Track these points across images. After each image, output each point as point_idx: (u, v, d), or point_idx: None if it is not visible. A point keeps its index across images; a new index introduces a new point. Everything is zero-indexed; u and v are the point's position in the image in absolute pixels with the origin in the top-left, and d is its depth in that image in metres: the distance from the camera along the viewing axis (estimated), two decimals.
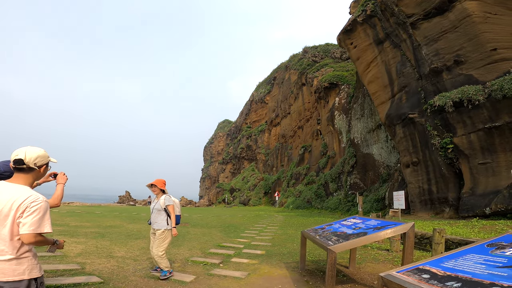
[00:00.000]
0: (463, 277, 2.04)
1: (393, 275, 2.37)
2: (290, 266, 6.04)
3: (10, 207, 1.91)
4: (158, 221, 4.96)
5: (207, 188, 72.03)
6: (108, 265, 5.57)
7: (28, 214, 1.90)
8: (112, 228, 10.85)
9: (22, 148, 2.06)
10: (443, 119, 12.51)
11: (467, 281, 1.96)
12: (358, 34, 18.35)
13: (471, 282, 1.91)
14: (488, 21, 11.50)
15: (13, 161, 2.02)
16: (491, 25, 11.46)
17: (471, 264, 2.20)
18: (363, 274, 5.48)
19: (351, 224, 5.27)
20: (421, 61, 13.68)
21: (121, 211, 21.97)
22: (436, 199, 12.80)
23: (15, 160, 2.01)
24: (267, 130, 52.82)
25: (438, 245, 5.38)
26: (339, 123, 27.85)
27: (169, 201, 5.00)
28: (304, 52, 43.23)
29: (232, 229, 12.21)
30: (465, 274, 2.08)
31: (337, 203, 24.17)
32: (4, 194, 1.94)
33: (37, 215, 1.93)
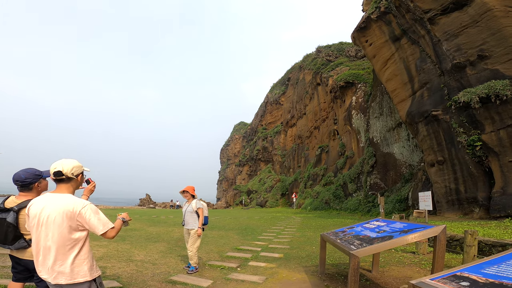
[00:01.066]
0: (508, 284, 1.82)
1: (427, 283, 2.15)
2: (309, 270, 5.84)
3: (65, 214, 2.11)
4: (191, 222, 5.69)
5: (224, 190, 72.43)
6: (127, 269, 5.59)
7: (88, 220, 2.14)
8: (132, 231, 10.99)
9: (58, 161, 2.26)
10: (469, 115, 11.89)
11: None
12: (373, 32, 17.90)
13: None
14: (510, 15, 11.09)
15: (53, 173, 2.21)
16: None
17: None
18: (388, 278, 5.20)
19: (375, 227, 5.00)
20: (442, 56, 13.13)
21: (142, 213, 22.38)
22: (465, 199, 12.13)
23: (55, 172, 2.20)
24: (283, 131, 52.47)
25: (471, 248, 5.02)
26: (357, 122, 27.19)
27: (200, 205, 5.74)
28: (318, 52, 42.67)
29: (249, 231, 12.09)
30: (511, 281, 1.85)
31: (357, 204, 23.53)
32: (57, 204, 2.13)
33: (94, 216, 2.17)
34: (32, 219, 2.15)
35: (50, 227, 2.11)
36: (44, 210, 2.14)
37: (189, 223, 5.71)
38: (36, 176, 2.85)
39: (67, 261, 2.12)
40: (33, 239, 2.16)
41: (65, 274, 2.10)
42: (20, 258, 2.83)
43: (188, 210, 5.76)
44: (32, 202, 2.21)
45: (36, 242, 2.14)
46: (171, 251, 7.46)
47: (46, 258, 2.11)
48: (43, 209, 2.14)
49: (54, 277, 2.10)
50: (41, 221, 2.13)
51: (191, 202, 5.77)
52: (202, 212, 5.68)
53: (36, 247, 2.15)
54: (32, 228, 2.15)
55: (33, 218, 2.15)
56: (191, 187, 5.88)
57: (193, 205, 5.70)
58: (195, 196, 5.88)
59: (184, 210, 5.86)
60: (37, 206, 2.17)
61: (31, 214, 2.17)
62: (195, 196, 5.88)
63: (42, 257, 2.12)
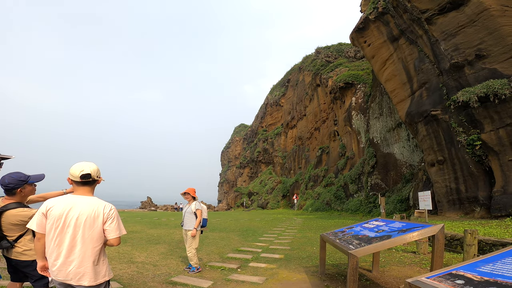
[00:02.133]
0: (503, 282, 1.83)
1: (423, 281, 2.17)
2: (309, 270, 5.85)
3: (94, 216, 2.17)
4: (189, 223, 5.76)
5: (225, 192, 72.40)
6: (128, 270, 5.61)
7: (110, 222, 2.22)
8: (133, 234, 11.01)
9: (82, 164, 2.28)
10: (468, 115, 11.91)
11: (508, 286, 1.75)
12: (371, 32, 17.96)
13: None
14: (507, 14, 11.14)
15: (81, 176, 2.21)
16: (509, 18, 11.10)
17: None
18: (388, 278, 5.21)
19: (374, 227, 5.02)
20: (441, 56, 13.17)
21: (143, 216, 22.40)
22: (465, 199, 12.12)
23: (84, 175, 2.23)
24: (283, 132, 52.50)
25: (471, 247, 5.02)
26: (357, 123, 27.21)
27: (199, 206, 5.82)
28: (317, 53, 42.75)
29: (250, 233, 12.09)
30: (505, 279, 1.87)
31: (358, 204, 23.52)
32: (84, 206, 2.18)
33: (117, 221, 2.26)
34: (57, 220, 2.13)
35: (80, 229, 2.13)
36: (71, 211, 2.14)
37: (187, 224, 5.79)
38: (19, 182, 2.86)
39: (94, 262, 2.15)
40: (54, 240, 2.13)
41: (90, 275, 2.13)
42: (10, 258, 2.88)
43: (187, 211, 5.85)
44: (53, 203, 2.19)
45: (58, 244, 2.12)
46: (172, 253, 7.48)
47: (69, 260, 2.10)
48: (70, 210, 2.15)
49: (78, 279, 2.10)
50: (67, 222, 2.13)
51: (191, 203, 5.86)
52: (200, 213, 5.76)
53: (57, 249, 2.12)
54: (56, 230, 2.13)
55: (57, 220, 2.13)
56: (192, 189, 5.97)
57: (192, 207, 5.78)
58: (195, 198, 5.98)
59: (184, 211, 5.96)
60: (62, 207, 2.15)
61: (55, 215, 2.14)
62: (195, 198, 5.98)
63: (64, 258, 2.10)
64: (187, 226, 5.78)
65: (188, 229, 5.75)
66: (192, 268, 5.63)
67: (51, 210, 2.16)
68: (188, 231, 5.73)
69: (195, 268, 5.61)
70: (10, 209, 2.81)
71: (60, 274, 2.12)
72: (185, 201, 6.01)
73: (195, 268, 5.62)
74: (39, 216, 2.19)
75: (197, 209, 5.74)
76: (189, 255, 5.63)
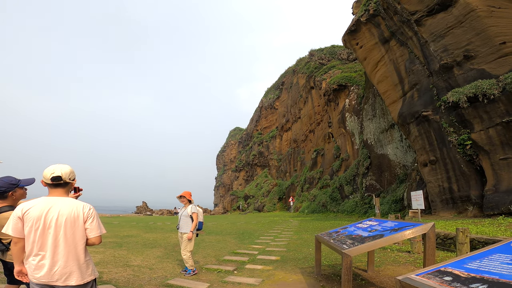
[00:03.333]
0: (489, 278, 1.91)
1: (412, 278, 2.24)
2: (305, 271, 5.89)
3: (74, 216, 2.18)
4: (185, 226, 5.78)
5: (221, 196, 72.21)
6: (124, 274, 5.59)
7: (91, 221, 2.24)
8: (129, 238, 10.95)
9: (54, 166, 2.27)
10: (458, 115, 12.12)
11: (494, 282, 1.82)
12: (363, 34, 18.19)
13: (498, 283, 1.77)
14: (494, 15, 11.38)
15: (52, 178, 2.22)
16: (496, 19, 11.32)
17: (497, 264, 2.05)
18: (383, 277, 5.28)
19: (367, 227, 5.09)
20: (430, 57, 13.41)
21: (138, 221, 22.23)
22: (458, 198, 12.30)
23: (54, 177, 2.22)
24: (278, 135, 52.66)
25: (463, 245, 5.12)
26: (350, 124, 27.45)
27: (194, 210, 5.83)
28: (311, 55, 43.10)
29: (247, 235, 12.10)
30: (491, 275, 1.94)
31: (354, 205, 23.66)
32: (62, 207, 2.19)
33: (97, 220, 2.28)
34: (36, 222, 2.11)
35: (61, 229, 2.12)
36: (50, 212, 2.14)
37: (183, 227, 5.81)
38: (10, 185, 2.90)
39: (79, 261, 2.16)
40: (36, 243, 2.11)
41: (76, 275, 2.13)
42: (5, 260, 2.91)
43: (183, 214, 5.87)
44: (29, 205, 2.15)
45: (41, 246, 2.10)
46: (168, 256, 7.46)
47: (53, 260, 2.09)
48: (48, 211, 2.14)
49: (65, 279, 2.10)
50: (48, 223, 2.12)
51: (187, 207, 5.89)
52: (196, 216, 5.77)
53: (38, 250, 2.10)
54: (36, 231, 2.11)
55: (36, 221, 2.11)
56: (188, 192, 5.98)
57: (188, 210, 5.81)
58: (191, 201, 5.99)
59: (180, 215, 5.99)
60: (40, 209, 2.13)
61: (32, 217, 2.11)
62: (191, 201, 5.99)
63: (49, 259, 2.09)
64: (183, 229, 5.80)
65: (184, 232, 5.77)
66: (188, 271, 5.65)
67: (27, 213, 2.13)
68: (184, 234, 5.75)
69: (191, 271, 5.63)
70: (2, 212, 2.83)
71: (44, 276, 2.08)
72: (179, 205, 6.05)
73: (191, 270, 5.64)
74: (15, 220, 2.14)
75: (193, 212, 5.76)
76: (184, 257, 5.65)
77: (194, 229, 5.76)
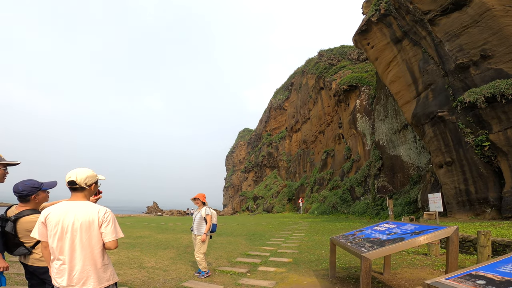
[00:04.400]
0: None
1: (442, 282, 2.15)
2: (319, 273, 5.80)
3: (89, 220, 2.17)
4: (199, 228, 5.82)
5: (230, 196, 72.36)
6: (139, 275, 5.62)
7: (106, 225, 2.21)
8: (142, 239, 11.04)
9: (73, 171, 2.30)
10: (475, 115, 11.81)
11: None
12: (374, 34, 17.96)
13: None
14: (510, 14, 11.13)
15: (68, 183, 2.24)
16: None
17: None
18: (400, 280, 5.15)
19: (385, 230, 4.97)
20: (445, 57, 13.11)
21: (150, 221, 22.46)
22: (475, 200, 11.96)
23: (69, 181, 2.25)
24: (288, 136, 52.46)
25: (484, 248, 4.95)
26: (362, 125, 27.11)
27: (209, 212, 5.84)
28: (320, 56, 42.81)
29: (257, 237, 12.05)
30: None
31: (365, 207, 23.32)
32: (78, 211, 2.19)
33: (112, 224, 2.24)
34: (54, 227, 2.14)
35: (77, 234, 2.13)
36: (67, 217, 2.15)
37: (197, 229, 5.84)
38: (33, 189, 2.88)
39: (96, 266, 2.15)
40: (55, 247, 2.14)
41: (93, 279, 2.12)
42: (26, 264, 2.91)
43: (197, 216, 5.89)
44: (49, 211, 2.20)
45: (59, 250, 2.13)
46: (181, 258, 7.48)
47: (72, 265, 2.11)
48: (65, 216, 2.15)
49: (82, 283, 2.10)
50: (65, 228, 2.13)
51: (201, 209, 5.89)
52: (210, 219, 5.79)
53: (59, 255, 2.13)
54: (54, 236, 2.14)
55: (54, 226, 2.14)
56: (202, 194, 5.96)
57: (202, 212, 5.82)
58: (205, 203, 5.99)
59: (194, 216, 6.02)
60: (58, 214, 2.17)
61: (52, 222, 2.15)
62: (205, 203, 5.99)
63: (68, 264, 2.11)
64: (197, 231, 5.82)
65: (198, 234, 5.78)
66: (201, 273, 5.65)
67: (48, 218, 2.17)
68: (198, 236, 5.76)
69: (204, 273, 5.64)
70: (25, 216, 2.83)
71: (64, 280, 2.11)
72: (196, 206, 6.03)
73: (204, 272, 5.64)
74: (39, 225, 2.19)
75: (207, 215, 5.77)
76: (197, 259, 5.66)
77: (208, 231, 5.76)
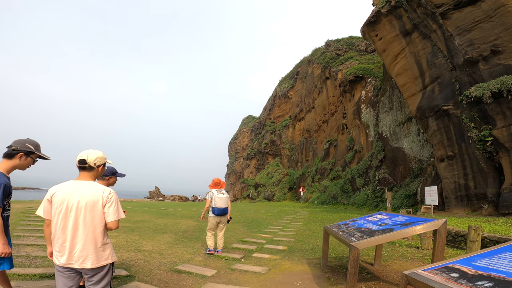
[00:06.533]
0: (496, 276, 1.86)
1: (419, 273, 2.21)
2: (312, 262, 5.94)
3: (94, 200, 2.24)
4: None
5: (232, 183, 72.99)
6: (135, 258, 5.79)
7: (109, 205, 2.28)
8: (141, 223, 11.28)
9: (86, 151, 2.39)
10: (480, 110, 11.67)
11: (501, 280, 1.78)
12: (383, 26, 17.63)
13: (505, 281, 1.73)
14: None
15: (78, 161, 2.33)
16: None
17: (506, 263, 1.99)
18: (389, 271, 5.25)
19: (377, 220, 5.05)
20: (454, 51, 12.88)
21: (151, 206, 22.87)
22: (474, 195, 11.98)
23: (80, 160, 2.34)
24: (291, 125, 52.32)
25: (474, 243, 5.01)
26: (366, 116, 26.91)
27: (207, 196, 6.54)
28: (327, 46, 42.10)
29: (255, 224, 12.25)
30: (499, 274, 1.89)
31: (365, 198, 23.46)
32: (84, 190, 2.26)
33: (115, 205, 2.31)
34: (59, 205, 2.20)
35: (81, 212, 2.19)
36: (72, 196, 2.21)
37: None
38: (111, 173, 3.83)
39: (96, 245, 2.22)
40: (58, 225, 2.21)
41: (92, 257, 2.20)
42: None
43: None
44: (55, 189, 2.27)
45: (62, 228, 2.20)
46: (178, 242, 7.67)
47: (74, 243, 2.18)
48: (71, 195, 2.22)
49: (82, 261, 2.18)
50: (70, 206, 2.20)
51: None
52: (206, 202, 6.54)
53: (61, 233, 2.20)
54: (59, 214, 2.20)
55: (60, 204, 2.20)
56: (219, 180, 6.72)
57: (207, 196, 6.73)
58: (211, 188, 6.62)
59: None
60: (63, 192, 2.23)
61: (57, 200, 2.21)
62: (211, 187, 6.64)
63: (70, 242, 2.18)
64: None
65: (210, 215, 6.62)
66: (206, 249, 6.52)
67: (54, 196, 2.23)
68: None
69: (207, 249, 6.44)
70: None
71: (64, 258, 2.18)
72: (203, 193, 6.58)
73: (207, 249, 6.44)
74: (45, 203, 2.25)
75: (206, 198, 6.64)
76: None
77: (205, 212, 6.61)
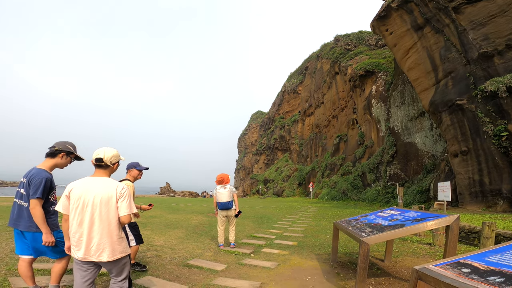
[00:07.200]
0: (508, 272, 1.84)
1: (430, 268, 2.20)
2: (321, 257, 5.94)
3: (109, 195, 2.34)
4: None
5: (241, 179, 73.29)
6: (148, 253, 5.91)
7: (122, 199, 2.38)
8: (153, 218, 11.49)
9: (101, 149, 2.49)
10: (496, 105, 11.36)
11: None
12: (393, 20, 17.30)
13: None
14: None
15: (95, 159, 2.43)
16: None
17: None
18: (400, 267, 5.21)
19: (388, 216, 5.00)
20: (468, 46, 12.57)
21: (162, 202, 23.25)
22: (488, 191, 11.70)
23: (97, 158, 2.41)
24: (301, 120, 52.02)
25: (487, 240, 4.92)
26: (377, 111, 26.51)
27: (213, 193, 6.56)
28: (336, 41, 41.57)
29: (265, 220, 12.31)
30: (511, 269, 1.87)
31: (375, 194, 23.20)
32: (100, 187, 2.36)
33: (128, 199, 2.41)
34: (76, 200, 2.30)
35: (97, 208, 2.29)
36: (88, 192, 2.31)
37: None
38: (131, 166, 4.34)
39: (112, 239, 2.31)
40: (76, 220, 2.30)
41: (108, 251, 2.29)
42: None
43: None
44: (73, 185, 2.37)
45: (79, 223, 2.29)
46: (189, 238, 7.79)
47: (90, 237, 2.27)
48: (88, 191, 2.31)
49: (98, 255, 2.27)
50: (86, 202, 2.29)
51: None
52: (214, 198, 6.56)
53: (78, 227, 2.29)
54: (76, 210, 2.30)
55: (77, 200, 2.30)
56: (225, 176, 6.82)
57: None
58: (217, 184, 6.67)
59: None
60: (80, 189, 2.33)
61: (74, 196, 2.31)
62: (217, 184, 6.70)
63: (86, 236, 2.27)
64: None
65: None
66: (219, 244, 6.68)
67: (72, 192, 2.33)
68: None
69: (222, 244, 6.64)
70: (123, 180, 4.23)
71: (81, 252, 2.27)
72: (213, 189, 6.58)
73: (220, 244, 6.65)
74: (63, 198, 2.35)
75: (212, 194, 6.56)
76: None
77: (216, 209, 6.60)
